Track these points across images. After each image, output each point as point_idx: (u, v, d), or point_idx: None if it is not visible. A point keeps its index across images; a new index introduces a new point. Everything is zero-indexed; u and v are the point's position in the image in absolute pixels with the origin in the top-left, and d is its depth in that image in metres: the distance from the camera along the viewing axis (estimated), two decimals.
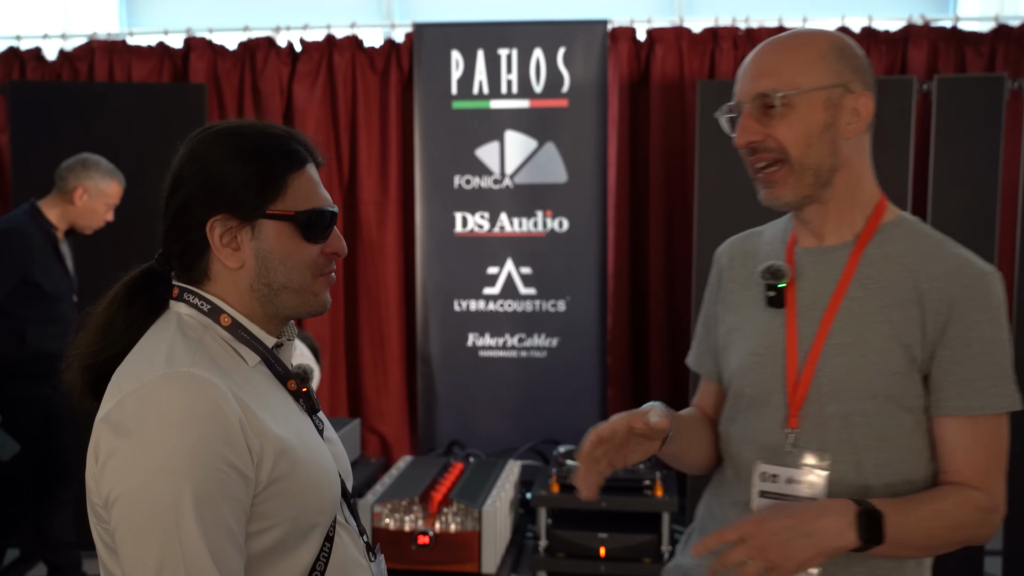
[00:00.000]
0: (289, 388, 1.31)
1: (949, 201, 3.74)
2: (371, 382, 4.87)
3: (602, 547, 3.53)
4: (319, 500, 1.24)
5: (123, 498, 1.11)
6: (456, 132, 4.55)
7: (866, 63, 1.42)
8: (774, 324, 1.47)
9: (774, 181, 1.40)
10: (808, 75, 1.36)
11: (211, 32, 4.81)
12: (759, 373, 1.47)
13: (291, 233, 1.25)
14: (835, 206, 1.43)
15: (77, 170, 3.45)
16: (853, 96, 1.38)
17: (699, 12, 5.00)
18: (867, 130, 1.43)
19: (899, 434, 1.39)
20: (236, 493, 1.13)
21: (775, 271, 1.45)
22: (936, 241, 1.42)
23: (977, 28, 4.62)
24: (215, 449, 1.11)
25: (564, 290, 4.56)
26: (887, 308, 1.38)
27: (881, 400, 1.38)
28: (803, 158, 1.38)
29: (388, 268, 4.78)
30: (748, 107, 1.39)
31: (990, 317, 1.36)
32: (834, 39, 1.41)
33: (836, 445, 1.40)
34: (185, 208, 1.25)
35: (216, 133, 1.29)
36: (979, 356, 1.35)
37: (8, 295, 3.32)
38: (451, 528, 3.43)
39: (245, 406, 1.16)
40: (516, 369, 4.61)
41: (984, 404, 1.36)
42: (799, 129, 1.37)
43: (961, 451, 1.37)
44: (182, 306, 1.27)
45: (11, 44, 4.87)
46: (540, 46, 4.47)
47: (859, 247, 1.42)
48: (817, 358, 1.41)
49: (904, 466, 1.39)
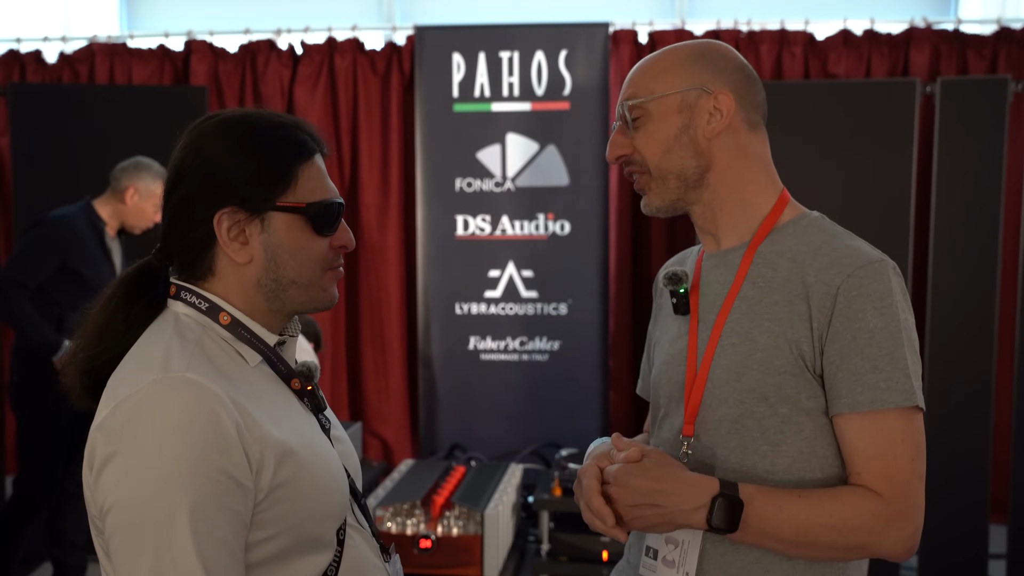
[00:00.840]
0: (293, 387, 1.26)
1: (952, 203, 3.73)
2: (372, 385, 4.86)
3: (604, 551, 3.51)
4: (326, 503, 1.20)
5: (116, 508, 1.07)
6: (457, 135, 4.54)
7: (736, 65, 1.40)
8: (680, 331, 1.45)
9: (643, 189, 1.42)
10: (662, 82, 1.38)
11: (212, 35, 4.81)
12: (667, 382, 1.45)
13: (301, 226, 1.22)
14: (720, 206, 1.41)
15: (130, 171, 3.57)
16: (711, 96, 1.37)
17: (701, 15, 5.00)
18: (750, 130, 1.40)
19: (797, 439, 1.31)
20: (233, 504, 1.08)
21: (672, 276, 1.44)
22: (830, 235, 1.37)
23: (979, 31, 4.62)
24: (211, 458, 1.07)
25: (566, 293, 4.55)
26: (775, 305, 1.33)
27: (774, 402, 1.31)
28: (662, 164, 1.39)
29: (389, 271, 4.77)
30: (619, 122, 1.43)
31: (876, 306, 1.27)
32: (696, 47, 1.42)
33: (726, 451, 1.35)
34: (189, 201, 1.20)
35: (220, 123, 1.24)
36: (866, 348, 1.26)
37: (48, 278, 3.46)
38: (453, 532, 3.42)
39: (244, 411, 1.12)
40: (518, 372, 4.60)
41: (873, 399, 1.26)
42: (655, 135, 1.38)
43: (859, 453, 1.27)
44: (179, 305, 1.22)
45: (11, 47, 4.87)
46: (542, 49, 4.46)
47: (752, 247, 1.39)
48: (710, 361, 1.37)
49: (804, 473, 1.31)
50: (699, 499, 1.25)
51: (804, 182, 1.49)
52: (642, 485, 1.27)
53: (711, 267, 1.44)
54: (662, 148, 1.38)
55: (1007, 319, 4.16)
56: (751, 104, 1.40)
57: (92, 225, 3.55)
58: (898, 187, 3.76)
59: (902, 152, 3.76)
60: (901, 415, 1.27)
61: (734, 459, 1.34)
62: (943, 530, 3.59)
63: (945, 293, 3.73)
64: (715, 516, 1.25)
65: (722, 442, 1.35)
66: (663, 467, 1.29)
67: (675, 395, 1.43)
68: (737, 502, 1.25)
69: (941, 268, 3.74)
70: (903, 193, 3.76)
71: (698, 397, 1.37)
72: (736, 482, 1.28)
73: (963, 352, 3.71)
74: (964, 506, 3.71)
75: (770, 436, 1.32)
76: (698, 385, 1.38)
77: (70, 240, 3.48)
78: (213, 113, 1.27)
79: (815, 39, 4.54)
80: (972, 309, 3.72)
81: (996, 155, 3.69)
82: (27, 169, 4.11)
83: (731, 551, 1.33)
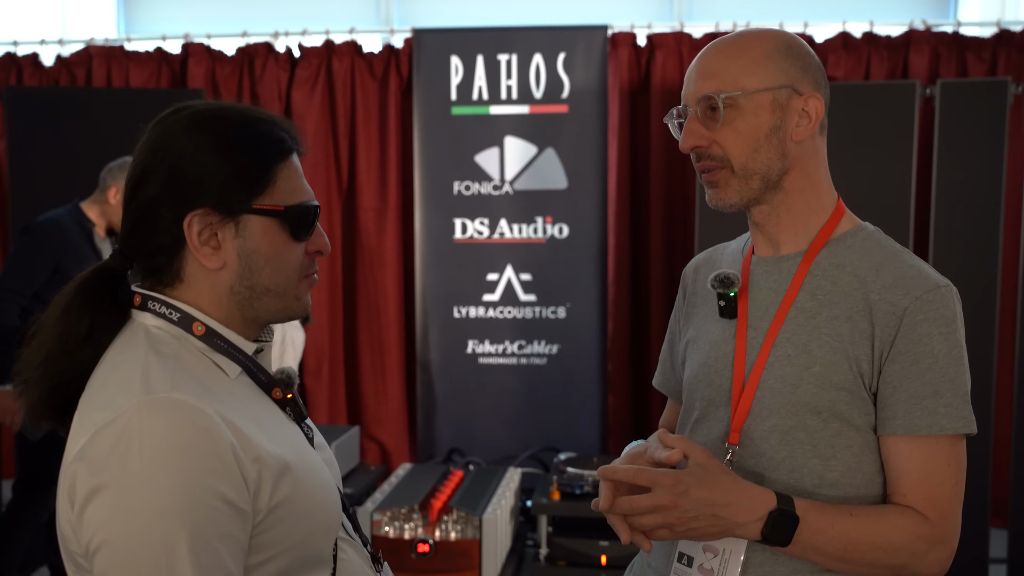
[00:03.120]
0: (274, 397, 1.19)
1: (952, 206, 3.72)
2: (370, 389, 4.84)
3: (603, 555, 3.50)
4: (323, 519, 1.15)
5: (107, 546, 0.99)
6: (456, 138, 4.53)
7: (816, 63, 1.36)
8: (726, 335, 1.41)
9: (717, 183, 1.36)
10: (753, 76, 1.31)
11: (209, 37, 4.80)
12: (707, 385, 1.41)
13: (277, 230, 1.14)
14: (787, 210, 1.37)
15: (115, 171, 3.56)
16: (801, 97, 1.33)
17: (699, 18, 5.00)
18: (820, 133, 1.37)
19: (846, 454, 1.30)
20: (232, 530, 1.02)
21: (724, 279, 1.39)
22: (891, 252, 1.35)
23: (978, 33, 4.61)
24: (207, 484, 1.00)
25: (564, 297, 4.53)
26: (835, 320, 1.31)
27: (826, 416, 1.30)
28: (749, 163, 1.33)
29: (387, 275, 4.76)
30: (693, 110, 1.35)
31: (942, 331, 1.27)
32: (782, 38, 1.35)
33: (774, 463, 1.32)
34: (155, 202, 1.11)
35: (191, 117, 1.14)
36: (928, 372, 1.26)
37: (44, 284, 3.44)
38: (451, 536, 3.40)
39: (235, 429, 1.04)
40: (516, 376, 4.58)
41: (932, 424, 1.25)
42: (744, 133, 1.32)
43: (907, 475, 1.28)
44: (148, 316, 1.13)
45: (8, 50, 4.86)
46: (540, 52, 4.45)
47: (809, 256, 1.36)
48: (762, 370, 1.34)
49: (850, 489, 1.31)
50: (756, 512, 1.23)
51: None
52: (701, 495, 1.23)
53: (763, 272, 1.40)
54: (751, 146, 1.32)
55: (1007, 323, 4.15)
56: (827, 105, 1.37)
57: (80, 226, 3.54)
58: (898, 190, 3.75)
59: (902, 155, 3.75)
60: (951, 440, 1.27)
61: (782, 471, 1.32)
62: None
63: None
64: (771, 531, 1.23)
65: (771, 453, 1.33)
66: (720, 475, 1.26)
67: (717, 399, 1.39)
68: (793, 517, 1.24)
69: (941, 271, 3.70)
70: (903, 196, 3.75)
71: (747, 405, 1.34)
72: (789, 496, 1.26)
73: None
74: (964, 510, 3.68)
75: (820, 450, 1.31)
76: (747, 393, 1.35)
77: (61, 242, 3.47)
78: (181, 105, 1.17)
79: (814, 42, 4.52)
80: (972, 313, 3.68)
81: (996, 158, 3.67)
82: (24, 172, 4.10)
83: (770, 561, 1.31)
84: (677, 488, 1.22)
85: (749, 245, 1.46)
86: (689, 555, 1.36)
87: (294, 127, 1.21)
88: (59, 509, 1.06)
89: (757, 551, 1.31)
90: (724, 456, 1.35)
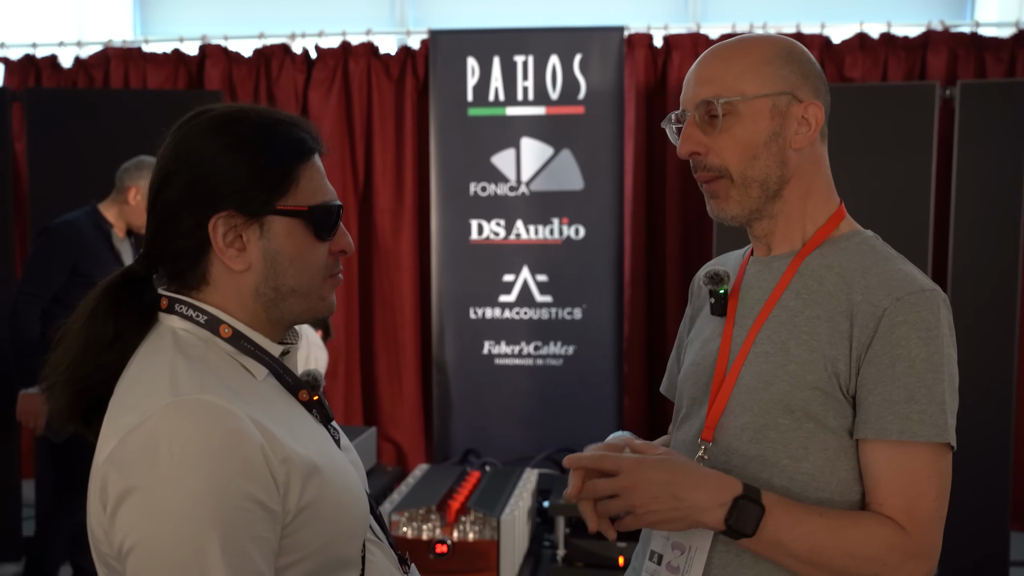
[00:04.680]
0: (301, 399, 1.19)
1: (972, 207, 3.71)
2: (386, 390, 4.85)
3: (620, 556, 3.49)
4: (351, 521, 1.15)
5: (139, 548, 0.99)
6: (472, 139, 4.53)
7: (816, 71, 1.34)
8: (714, 333, 1.40)
9: (717, 194, 1.33)
10: (753, 81, 1.29)
11: (226, 39, 4.82)
12: (693, 383, 1.40)
13: (301, 230, 1.14)
14: (785, 218, 1.35)
15: (132, 171, 3.55)
16: (801, 104, 1.30)
17: (716, 19, 4.99)
18: (821, 140, 1.35)
19: (819, 457, 1.27)
20: (263, 532, 1.02)
21: (714, 276, 1.39)
22: (882, 256, 1.32)
23: (996, 34, 4.59)
24: (237, 486, 0.99)
25: (580, 298, 4.53)
26: (816, 319, 1.28)
27: (799, 416, 1.27)
28: (747, 171, 1.30)
29: (403, 276, 4.76)
30: (691, 115, 1.32)
31: (922, 336, 1.22)
32: (782, 44, 1.33)
33: (745, 460, 1.30)
34: (179, 206, 1.11)
35: (212, 120, 1.14)
36: (904, 376, 1.22)
37: (63, 286, 3.43)
38: (469, 537, 3.40)
39: (265, 430, 1.04)
40: (532, 377, 4.58)
41: (903, 429, 1.21)
42: (743, 140, 1.29)
43: (884, 484, 1.23)
44: (175, 319, 1.13)
45: (27, 52, 4.88)
46: (556, 53, 4.45)
47: (800, 256, 1.34)
48: (740, 367, 1.32)
49: (823, 493, 1.27)
50: (720, 497, 1.21)
51: None
52: (659, 477, 1.21)
53: (755, 271, 1.39)
54: (749, 154, 1.30)
55: None
56: (827, 112, 1.35)
57: (98, 228, 3.54)
58: (917, 191, 3.74)
59: (921, 156, 3.73)
60: (930, 451, 1.22)
61: (752, 469, 1.29)
62: (963, 536, 3.55)
63: (965, 297, 3.70)
64: (735, 517, 1.20)
65: (742, 450, 1.30)
66: (685, 462, 1.25)
67: (699, 397, 1.39)
68: (759, 505, 1.21)
69: (961, 272, 3.71)
70: (922, 197, 3.73)
71: (723, 402, 1.33)
72: (758, 488, 1.23)
73: (983, 357, 3.68)
74: (984, 513, 3.67)
75: (791, 450, 1.28)
76: (724, 390, 1.33)
77: (78, 244, 3.46)
78: (202, 109, 1.18)
79: (831, 43, 4.51)
80: (992, 313, 3.69)
81: (1016, 158, 3.66)
82: (43, 173, 4.12)
83: (735, 562, 1.29)
84: (638, 469, 1.21)
85: (750, 249, 1.46)
86: (659, 553, 1.36)
87: (315, 128, 1.21)
88: (90, 511, 1.06)
89: (722, 551, 1.29)
90: (696, 452, 1.34)
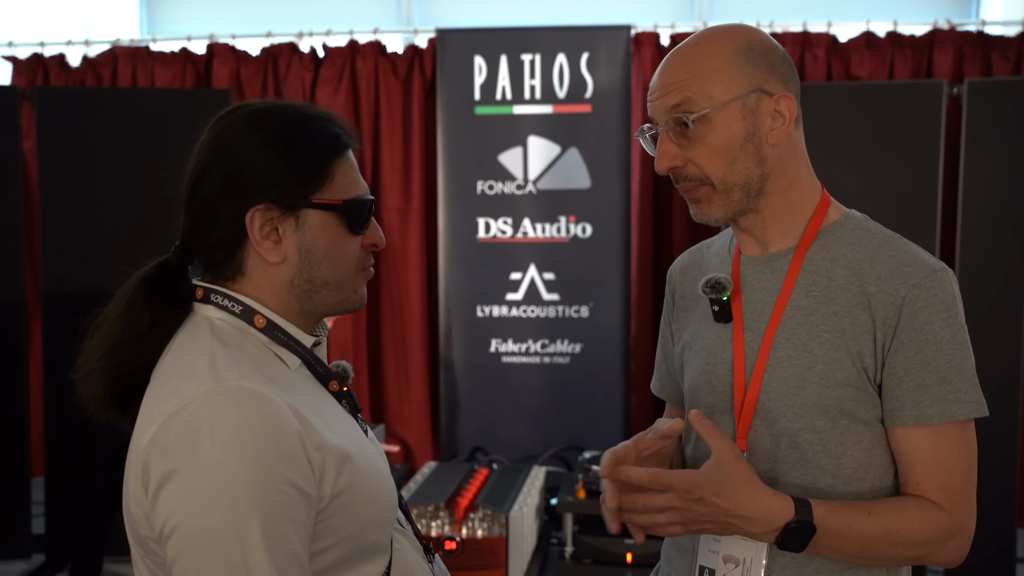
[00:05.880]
0: (331, 389, 1.22)
1: (979, 205, 3.71)
2: (394, 388, 4.86)
3: (628, 553, 3.50)
4: (382, 508, 1.17)
5: (181, 530, 1.01)
6: (479, 138, 4.54)
7: (780, 56, 1.30)
8: (722, 339, 1.37)
9: (700, 200, 1.32)
10: (719, 85, 1.26)
11: (234, 38, 4.83)
12: (709, 392, 1.38)
13: (335, 224, 1.17)
14: (771, 212, 1.33)
15: None
16: (772, 98, 1.28)
17: (722, 17, 5.00)
18: (796, 127, 1.32)
19: (857, 450, 1.28)
20: (300, 516, 1.04)
21: (715, 284, 1.35)
22: (883, 239, 1.32)
23: (1002, 32, 4.60)
24: (276, 470, 1.02)
25: (587, 296, 4.54)
26: (834, 316, 1.28)
27: (833, 415, 1.27)
28: (727, 176, 1.28)
29: (411, 274, 4.78)
30: (663, 128, 1.30)
31: (943, 317, 1.24)
32: (742, 38, 1.29)
33: (786, 466, 1.30)
34: (216, 198, 1.14)
35: (250, 115, 1.17)
36: (933, 360, 1.23)
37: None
38: (478, 534, 3.41)
39: (301, 417, 1.07)
40: (539, 375, 4.59)
41: (943, 411, 1.23)
42: (719, 147, 1.27)
43: (919, 464, 1.25)
44: (210, 309, 1.16)
45: (35, 51, 4.90)
46: (563, 51, 4.46)
47: (800, 252, 1.33)
48: (763, 373, 1.31)
49: (864, 484, 1.29)
50: (772, 524, 1.21)
51: (829, 186, 1.43)
52: (717, 503, 1.20)
53: (754, 272, 1.37)
54: (727, 159, 1.28)
55: None
56: (798, 97, 1.32)
57: None
58: (924, 190, 3.74)
59: (928, 154, 3.74)
60: (960, 425, 1.25)
61: (795, 474, 1.30)
62: None
63: (972, 295, 3.70)
64: (786, 542, 1.21)
65: (781, 457, 1.30)
66: (740, 483, 1.21)
67: (720, 406, 1.36)
68: (810, 527, 1.21)
69: (968, 270, 3.72)
70: (929, 195, 3.74)
71: (750, 411, 1.32)
72: (808, 501, 1.23)
73: (990, 354, 3.68)
74: (992, 510, 3.68)
75: (831, 448, 1.28)
76: (750, 398, 1.32)
77: None
78: (239, 104, 1.20)
79: (838, 41, 4.52)
80: (1000, 310, 3.69)
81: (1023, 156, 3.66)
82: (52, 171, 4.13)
83: (792, 565, 1.30)
84: (692, 495, 1.20)
85: (735, 244, 1.42)
86: (710, 568, 1.34)
87: (348, 123, 1.24)
88: (128, 494, 1.09)
89: (778, 557, 1.29)
90: None
